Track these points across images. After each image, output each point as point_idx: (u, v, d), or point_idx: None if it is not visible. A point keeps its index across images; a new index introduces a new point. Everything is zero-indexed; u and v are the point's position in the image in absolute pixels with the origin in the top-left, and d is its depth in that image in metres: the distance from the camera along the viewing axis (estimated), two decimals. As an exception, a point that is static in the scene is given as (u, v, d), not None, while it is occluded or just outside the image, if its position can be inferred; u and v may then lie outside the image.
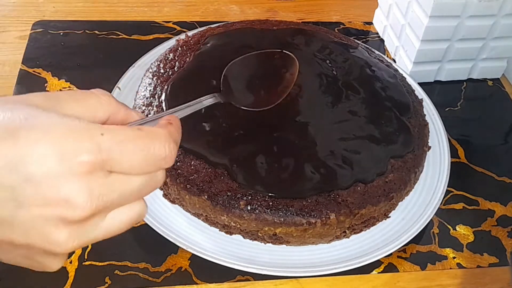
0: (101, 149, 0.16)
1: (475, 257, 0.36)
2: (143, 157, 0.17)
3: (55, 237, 0.16)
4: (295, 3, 0.57)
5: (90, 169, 0.16)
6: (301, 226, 0.32)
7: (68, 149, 0.16)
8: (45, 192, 0.16)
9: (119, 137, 0.17)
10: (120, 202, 0.17)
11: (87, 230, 0.17)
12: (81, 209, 0.16)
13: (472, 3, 0.42)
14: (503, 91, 0.49)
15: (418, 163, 0.37)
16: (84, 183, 0.16)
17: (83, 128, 0.16)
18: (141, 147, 0.17)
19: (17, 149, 0.15)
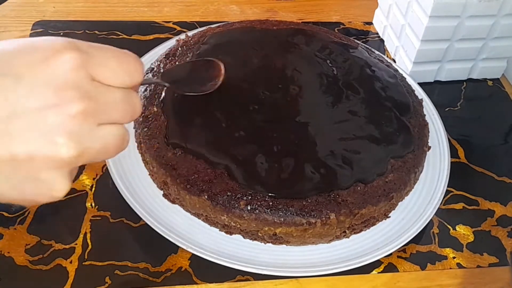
0: (84, 51, 0.17)
1: (475, 257, 0.36)
2: (118, 63, 0.19)
3: (54, 140, 0.16)
4: (295, 3, 0.57)
5: (77, 67, 0.17)
6: (301, 226, 0.32)
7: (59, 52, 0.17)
8: (38, 93, 0.16)
9: (97, 46, 0.18)
10: (106, 110, 0.18)
11: (84, 134, 0.17)
12: (76, 104, 0.17)
13: (472, 3, 0.42)
14: (503, 91, 0.49)
15: (418, 163, 0.37)
16: (74, 82, 0.17)
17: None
18: (117, 54, 0.19)
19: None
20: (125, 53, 0.19)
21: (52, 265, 0.32)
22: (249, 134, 0.34)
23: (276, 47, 0.42)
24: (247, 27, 0.44)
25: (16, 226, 0.34)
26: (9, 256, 0.32)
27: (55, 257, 0.32)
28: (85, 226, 0.34)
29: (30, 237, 0.33)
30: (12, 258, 0.32)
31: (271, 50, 0.42)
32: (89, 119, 0.17)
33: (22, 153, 0.16)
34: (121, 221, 0.35)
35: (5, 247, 0.33)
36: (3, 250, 0.32)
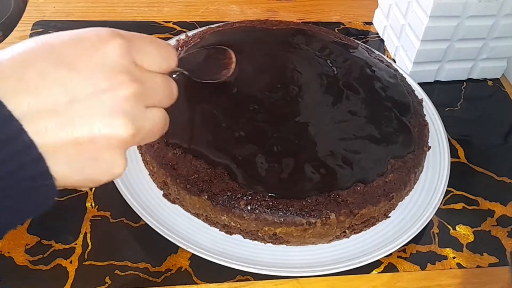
0: (126, 38, 0.19)
1: (475, 257, 0.36)
2: (156, 49, 0.20)
3: (113, 121, 0.18)
4: (295, 3, 0.57)
5: (123, 53, 0.18)
6: (301, 226, 0.32)
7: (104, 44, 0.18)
8: (92, 79, 0.17)
9: (136, 34, 0.20)
10: (151, 94, 0.20)
11: (137, 115, 0.19)
12: (128, 87, 0.18)
13: (472, 3, 0.42)
14: (503, 91, 0.49)
15: (418, 163, 0.37)
16: (123, 66, 0.18)
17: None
18: (154, 41, 0.21)
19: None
20: (160, 40, 0.21)
21: (52, 265, 0.32)
22: (248, 134, 0.34)
23: (276, 47, 0.42)
24: (247, 27, 0.44)
25: (16, 226, 0.34)
26: (9, 256, 0.32)
27: (55, 257, 0.32)
28: (85, 226, 0.34)
29: (30, 237, 0.33)
30: (12, 258, 0.32)
31: (271, 50, 0.42)
32: (139, 100, 0.19)
33: (84, 136, 0.17)
34: (121, 221, 0.35)
35: (5, 247, 0.33)
36: (3, 250, 0.32)
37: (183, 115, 0.35)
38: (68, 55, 0.17)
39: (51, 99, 0.17)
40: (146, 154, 0.35)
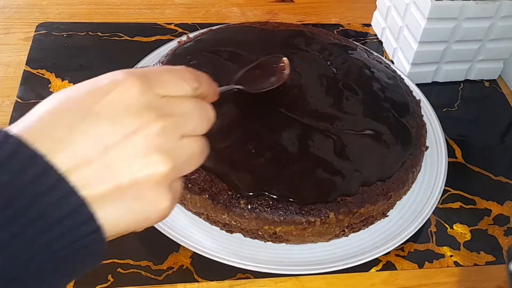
0: (140, 75, 0.19)
1: (472, 256, 0.36)
2: (171, 74, 0.20)
3: (149, 159, 0.18)
4: (295, 5, 0.57)
5: (143, 90, 0.18)
6: (301, 225, 0.32)
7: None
8: (120, 123, 0.18)
9: (148, 68, 0.20)
10: (183, 121, 0.19)
11: (172, 148, 0.19)
12: (156, 122, 0.18)
13: (469, 5, 0.43)
14: (500, 92, 0.50)
15: (416, 163, 0.37)
16: (146, 103, 0.18)
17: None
18: (168, 69, 0.21)
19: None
20: (174, 67, 0.21)
21: (55, 263, 0.32)
22: (247, 137, 0.34)
23: (277, 48, 0.43)
24: (248, 28, 0.44)
25: (20, 225, 0.34)
26: (14, 254, 0.33)
27: (58, 255, 0.33)
28: (88, 224, 0.35)
29: (34, 235, 0.34)
30: (16, 256, 0.33)
31: (271, 51, 0.42)
32: (171, 133, 0.19)
33: (125, 180, 0.17)
34: (124, 220, 0.35)
35: (10, 245, 0.33)
36: (7, 248, 0.33)
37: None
38: (91, 105, 0.18)
39: (85, 152, 0.17)
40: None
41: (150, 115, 0.18)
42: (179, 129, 0.19)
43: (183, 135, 0.19)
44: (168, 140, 0.18)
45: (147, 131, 0.18)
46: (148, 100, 0.18)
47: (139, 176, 0.17)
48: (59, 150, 0.16)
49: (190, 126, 0.20)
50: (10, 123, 0.40)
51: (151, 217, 0.19)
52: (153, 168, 0.18)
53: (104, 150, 0.17)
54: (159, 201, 0.18)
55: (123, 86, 0.18)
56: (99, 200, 0.17)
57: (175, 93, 0.20)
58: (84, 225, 0.16)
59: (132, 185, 0.17)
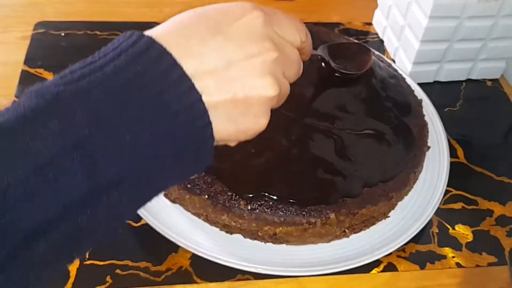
0: (265, 11, 0.22)
1: (474, 257, 0.36)
2: (290, 22, 0.24)
3: (264, 81, 0.21)
4: (296, 4, 0.57)
5: (266, 23, 0.22)
6: (301, 226, 0.32)
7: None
8: (244, 45, 0.20)
9: (269, 9, 0.23)
10: (288, 63, 0.23)
11: (280, 78, 0.22)
12: (273, 52, 0.21)
13: (471, 4, 0.43)
14: (502, 91, 0.49)
15: (418, 163, 0.37)
16: (268, 35, 0.21)
17: None
18: (286, 16, 0.24)
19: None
20: (291, 17, 0.24)
21: (53, 264, 0.32)
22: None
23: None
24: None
25: (17, 226, 0.34)
26: (11, 255, 0.32)
27: (56, 257, 0.33)
28: (86, 225, 0.34)
29: (31, 236, 0.33)
30: (14, 257, 0.32)
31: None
32: (281, 65, 0.22)
33: (240, 95, 0.20)
34: (122, 220, 0.35)
35: (7, 246, 0.33)
36: (4, 250, 0.33)
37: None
38: (221, 25, 0.20)
39: (212, 63, 0.19)
40: (147, 154, 0.35)
41: (269, 44, 0.21)
42: (285, 66, 0.22)
43: (284, 73, 0.22)
44: (278, 70, 0.22)
45: (265, 57, 0.21)
46: (269, 33, 0.21)
47: (253, 93, 0.20)
48: (188, 57, 0.19)
49: (290, 69, 0.23)
50: (8, 122, 0.40)
51: (250, 130, 0.22)
52: (265, 89, 0.21)
53: (227, 66, 0.20)
54: (260, 119, 0.22)
55: (251, 15, 0.21)
56: (213, 107, 0.19)
57: (287, 38, 0.23)
58: (199, 119, 0.19)
59: (244, 100, 0.20)
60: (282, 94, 0.23)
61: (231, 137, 0.21)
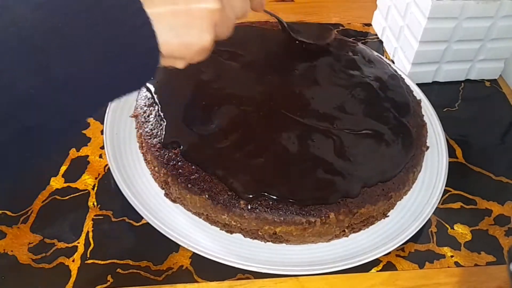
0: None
1: (473, 256, 0.36)
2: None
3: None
4: (295, 5, 0.57)
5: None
6: (301, 225, 0.32)
7: None
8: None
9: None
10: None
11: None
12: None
13: (469, 5, 0.43)
14: (500, 91, 0.50)
15: (417, 163, 0.37)
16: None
17: None
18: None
19: None
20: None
21: (54, 263, 0.32)
22: (247, 137, 0.34)
23: (276, 48, 0.42)
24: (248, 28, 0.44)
25: (19, 225, 0.34)
26: (12, 254, 0.33)
27: (57, 256, 0.33)
28: (87, 225, 0.35)
29: (33, 236, 0.34)
30: (15, 256, 0.32)
31: (271, 51, 0.42)
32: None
33: (181, 7, 0.21)
34: (123, 220, 0.35)
35: (8, 245, 0.33)
36: (6, 249, 0.33)
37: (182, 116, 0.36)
38: None
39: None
40: (148, 153, 0.35)
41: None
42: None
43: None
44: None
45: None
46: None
47: (194, 6, 0.22)
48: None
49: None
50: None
51: (194, 45, 0.23)
52: (206, 2, 0.22)
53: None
54: (204, 34, 0.23)
55: None
56: (156, 18, 0.20)
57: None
58: (143, 27, 0.20)
59: (186, 11, 0.21)
60: (227, 15, 0.24)
61: (175, 51, 0.22)
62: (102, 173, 0.38)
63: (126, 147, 0.37)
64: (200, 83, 0.38)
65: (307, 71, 0.41)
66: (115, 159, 0.36)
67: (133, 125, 0.38)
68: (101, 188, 0.37)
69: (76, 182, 0.37)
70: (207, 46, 0.23)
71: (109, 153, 0.36)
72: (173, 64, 0.24)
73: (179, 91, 0.38)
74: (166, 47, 0.21)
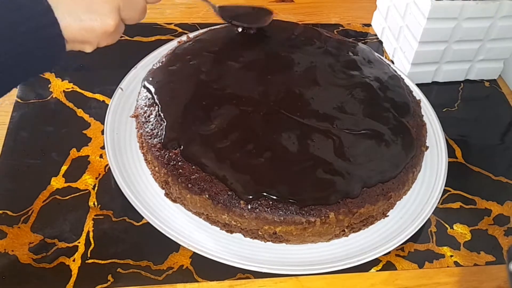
0: None
1: (472, 256, 0.36)
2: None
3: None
4: (295, 5, 0.57)
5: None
6: (301, 225, 0.32)
7: None
8: None
9: None
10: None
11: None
12: None
13: (469, 5, 0.43)
14: (500, 92, 0.50)
15: (416, 162, 0.37)
16: None
17: None
18: None
19: None
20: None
21: (55, 263, 0.32)
22: (247, 137, 0.34)
23: (276, 47, 0.43)
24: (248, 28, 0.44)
25: (20, 225, 0.34)
26: (13, 254, 0.33)
27: (58, 256, 0.33)
28: (88, 224, 0.35)
29: (33, 235, 0.34)
30: (16, 256, 0.33)
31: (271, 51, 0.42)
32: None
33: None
34: (124, 220, 0.35)
35: (9, 245, 0.33)
36: (7, 249, 0.33)
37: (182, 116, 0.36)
38: None
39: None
40: (148, 153, 0.36)
41: None
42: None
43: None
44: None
45: None
46: None
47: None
48: None
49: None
50: (10, 123, 0.40)
51: (97, 29, 0.23)
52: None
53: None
54: (106, 18, 0.23)
55: None
56: (55, 6, 0.21)
57: None
58: (43, 15, 0.20)
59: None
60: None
61: (78, 36, 0.23)
62: (102, 173, 0.38)
63: (126, 147, 0.37)
64: (200, 83, 0.38)
65: (307, 71, 0.41)
66: (115, 159, 0.36)
67: (134, 125, 0.38)
68: (101, 188, 0.37)
69: (76, 182, 0.37)
70: (110, 30, 0.24)
71: (109, 153, 0.36)
72: (80, 48, 0.24)
73: (179, 91, 0.38)
74: (67, 32, 0.22)
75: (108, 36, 0.25)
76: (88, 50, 0.25)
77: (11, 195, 0.36)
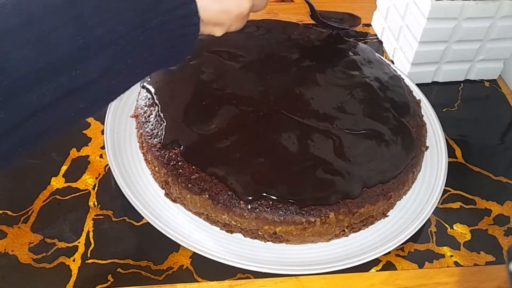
0: None
1: (472, 256, 0.36)
2: None
3: None
4: (295, 5, 0.57)
5: None
6: (301, 225, 0.32)
7: None
8: None
9: None
10: None
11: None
12: None
13: (469, 5, 0.43)
14: (500, 92, 0.50)
15: (416, 162, 0.37)
16: None
17: None
18: None
19: None
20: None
21: (55, 263, 0.33)
22: (247, 137, 0.34)
23: (277, 48, 0.43)
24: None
25: (20, 225, 0.34)
26: (13, 254, 0.33)
27: (58, 256, 0.33)
28: (88, 224, 0.35)
29: (33, 235, 0.34)
30: (16, 256, 0.33)
31: (271, 51, 0.42)
32: None
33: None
34: (124, 220, 0.35)
35: (9, 245, 0.33)
36: (7, 249, 0.33)
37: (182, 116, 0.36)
38: None
39: None
40: (148, 154, 0.36)
41: None
42: None
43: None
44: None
45: None
46: None
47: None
48: None
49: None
50: (10, 123, 0.40)
51: (233, 11, 0.24)
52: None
53: None
54: (242, 0, 0.24)
55: None
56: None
57: None
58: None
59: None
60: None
61: (214, 17, 0.23)
62: (102, 173, 0.38)
63: (126, 147, 0.37)
64: (200, 83, 0.38)
65: (307, 71, 0.41)
66: (115, 159, 0.36)
67: (134, 125, 0.38)
68: (101, 188, 0.37)
69: (76, 182, 0.37)
70: (245, 13, 0.24)
71: (109, 153, 0.36)
72: (212, 31, 0.24)
73: (179, 91, 0.38)
74: (205, 13, 0.22)
75: (240, 19, 0.25)
76: (219, 33, 0.25)
77: (11, 195, 0.36)
